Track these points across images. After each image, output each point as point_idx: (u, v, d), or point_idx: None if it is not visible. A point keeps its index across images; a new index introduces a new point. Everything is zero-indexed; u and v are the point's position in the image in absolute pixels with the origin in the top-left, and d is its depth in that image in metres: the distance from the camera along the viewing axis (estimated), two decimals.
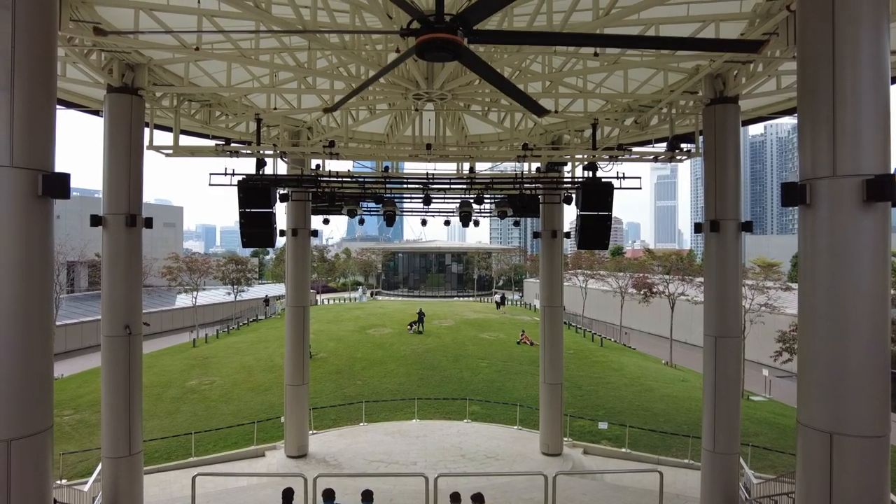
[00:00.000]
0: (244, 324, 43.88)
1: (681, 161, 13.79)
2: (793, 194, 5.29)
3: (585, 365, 29.90)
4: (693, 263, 47.16)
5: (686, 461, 16.86)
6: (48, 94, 5.01)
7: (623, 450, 17.84)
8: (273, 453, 17.45)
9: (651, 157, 13.92)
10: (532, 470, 15.56)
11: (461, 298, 71.87)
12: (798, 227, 5.52)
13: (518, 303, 64.00)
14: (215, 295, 54.88)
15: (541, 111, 5.74)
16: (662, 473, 8.96)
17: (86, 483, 11.50)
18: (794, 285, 40.50)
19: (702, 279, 37.40)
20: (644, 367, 31.25)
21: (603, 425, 19.21)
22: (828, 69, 5.11)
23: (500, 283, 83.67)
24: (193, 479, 8.43)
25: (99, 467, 10.77)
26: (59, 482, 13.53)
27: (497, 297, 59.88)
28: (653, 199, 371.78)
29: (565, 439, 17.70)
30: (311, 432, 18.04)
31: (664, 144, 13.54)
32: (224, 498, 13.30)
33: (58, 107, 12.44)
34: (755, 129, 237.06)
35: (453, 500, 8.68)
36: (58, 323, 33.17)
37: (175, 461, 17.07)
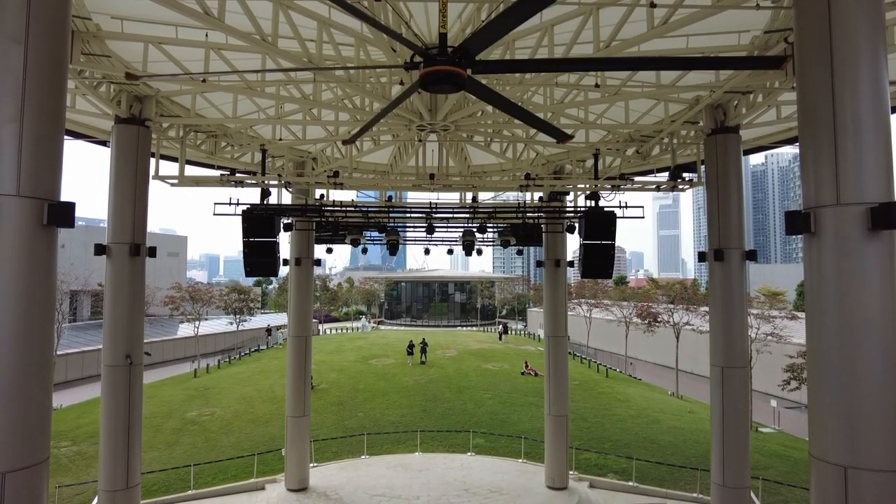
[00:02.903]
0: (246, 353, 43.61)
1: (683, 190, 13.84)
2: (797, 223, 5.28)
3: (591, 396, 29.50)
4: (697, 292, 46.92)
5: (695, 495, 16.45)
6: (57, 126, 5.07)
7: (630, 483, 17.42)
8: (273, 486, 17.10)
9: (653, 186, 13.99)
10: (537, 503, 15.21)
11: (464, 328, 71.42)
12: (803, 256, 5.49)
13: (522, 332, 63.53)
14: (217, 324, 54.69)
15: (562, 136, 5.72)
16: None
17: None
18: (800, 314, 40.20)
19: (706, 308, 37.19)
20: (650, 398, 30.80)
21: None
22: (827, 99, 5.15)
23: (504, 312, 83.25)
24: None
25: (95, 501, 10.55)
26: None
27: (500, 328, 59.46)
28: (656, 229, 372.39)
29: (571, 472, 17.32)
30: (312, 465, 17.71)
31: (666, 174, 13.62)
32: None
33: (67, 137, 12.70)
34: (756, 159, 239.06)
35: None
36: (59, 352, 33.01)
37: (174, 494, 16.72)
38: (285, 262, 15.86)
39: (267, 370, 34.38)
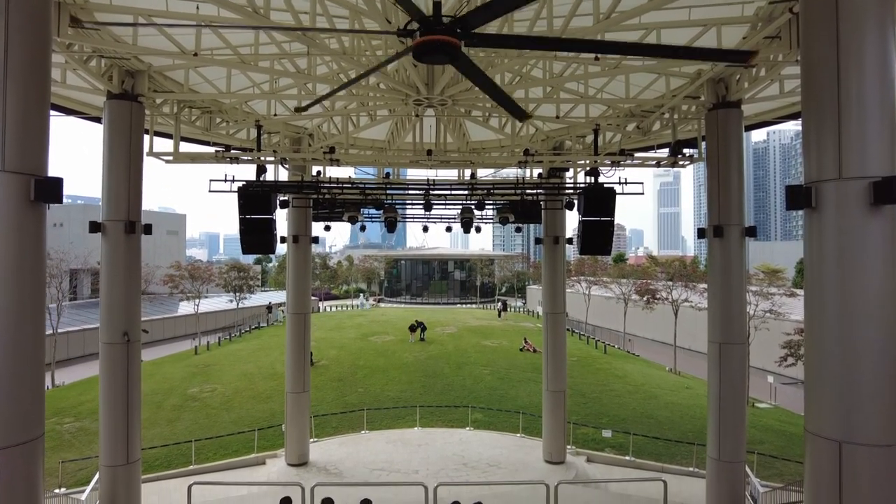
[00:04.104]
0: (246, 331, 43.79)
1: (683, 166, 13.70)
2: (798, 197, 5.19)
3: (589, 372, 29.70)
4: (697, 270, 46.97)
5: (691, 469, 16.64)
6: (42, 99, 4.96)
7: (627, 457, 17.63)
8: (274, 461, 17.31)
9: (653, 162, 13.85)
10: (535, 478, 15.38)
11: (464, 305, 71.65)
12: (803, 231, 5.42)
13: (521, 310, 63.76)
14: (218, 302, 54.85)
15: (522, 115, 5.76)
16: (667, 482, 8.80)
17: (84, 491, 11.39)
18: (799, 291, 40.28)
19: (705, 285, 37.35)
20: (648, 374, 31.02)
21: (607, 433, 19.02)
22: (832, 70, 5.02)
23: (503, 289, 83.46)
24: (189, 487, 8.31)
25: (97, 476, 10.67)
26: (56, 490, 13.44)
27: (499, 305, 59.61)
28: (656, 206, 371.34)
29: (569, 447, 17.52)
30: (312, 440, 17.90)
31: (667, 150, 13.47)
32: None
33: (58, 113, 12.53)
34: (758, 136, 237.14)
35: None
36: (60, 330, 33.12)
37: (175, 469, 16.92)
38: (283, 240, 15.79)
39: (267, 347, 34.55)
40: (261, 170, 13.11)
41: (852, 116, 4.92)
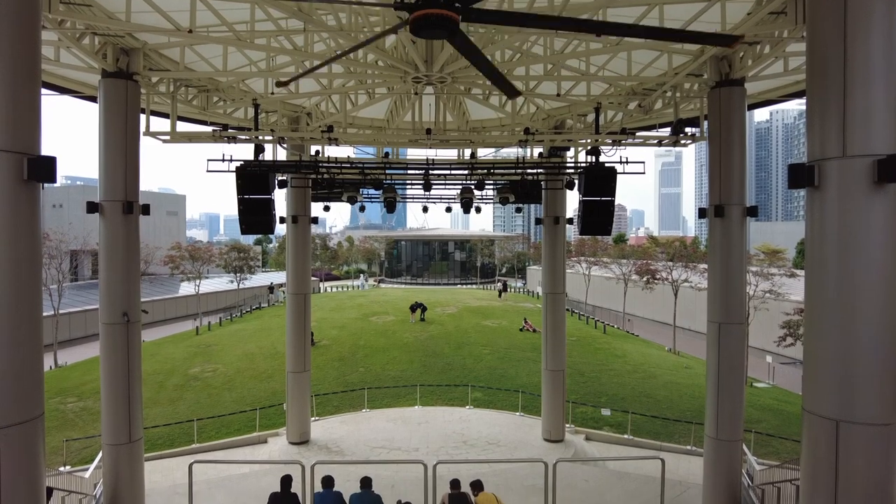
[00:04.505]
0: (247, 311, 43.97)
1: (685, 145, 13.57)
2: (800, 176, 5.12)
3: (588, 352, 29.86)
4: (697, 250, 46.98)
5: (688, 447, 16.82)
6: (31, 75, 4.86)
7: (626, 436, 17.81)
8: (275, 440, 17.50)
9: (655, 141, 13.72)
10: (534, 456, 15.56)
11: (464, 286, 71.85)
12: (805, 210, 5.36)
13: (521, 290, 63.94)
14: (218, 283, 55.04)
15: (514, 92, 5.71)
16: (664, 461, 8.87)
17: (87, 469, 11.51)
18: (800, 272, 40.33)
19: (706, 266, 37.36)
20: (647, 353, 31.19)
21: (606, 412, 19.19)
22: (838, 46, 4.91)
23: (504, 270, 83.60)
24: (190, 466, 8.38)
25: (100, 454, 10.77)
26: (61, 468, 13.58)
27: (499, 286, 59.71)
28: (657, 187, 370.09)
29: (567, 426, 17.67)
30: (313, 419, 18.06)
31: (668, 129, 13.34)
32: (225, 485, 13.33)
33: (52, 92, 12.37)
34: (760, 116, 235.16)
35: (453, 487, 8.64)
36: (61, 311, 33.26)
37: (178, 448, 17.11)
38: (282, 220, 15.74)
39: (268, 328, 34.72)
40: (259, 149, 12.99)
41: (857, 93, 4.82)
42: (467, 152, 16.57)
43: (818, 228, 5.13)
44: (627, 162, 12.50)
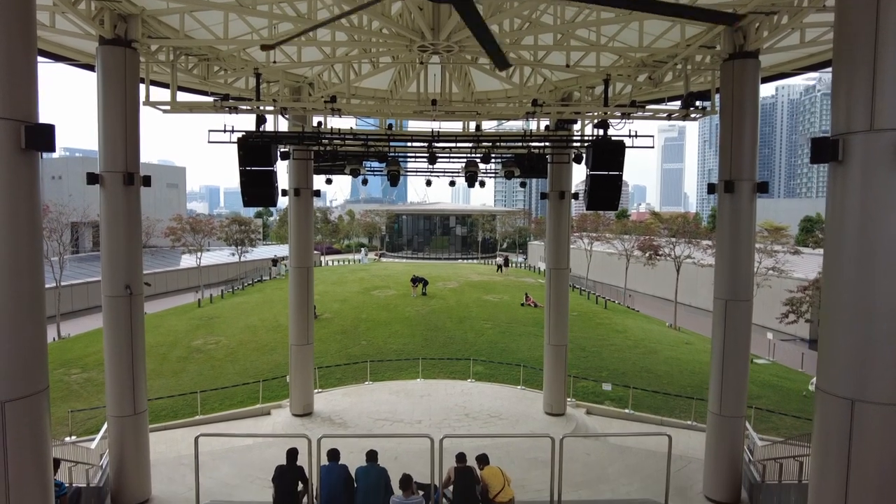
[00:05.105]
0: (249, 284, 44.03)
1: (695, 119, 13.30)
2: (823, 150, 4.95)
3: (589, 327, 29.96)
4: (699, 226, 46.79)
5: (689, 422, 16.95)
6: (27, 41, 4.67)
7: (626, 411, 17.95)
8: (279, 412, 17.64)
9: (665, 114, 13.43)
10: (536, 429, 15.69)
11: (465, 261, 71.87)
12: (827, 185, 5.21)
13: (522, 265, 63.97)
14: (220, 256, 55.03)
15: (504, 64, 5.53)
16: (671, 437, 8.89)
17: (94, 440, 11.60)
18: (804, 249, 40.26)
19: (707, 242, 37.25)
20: (648, 329, 31.29)
21: (607, 386, 19.31)
22: (870, 12, 4.67)
23: (505, 245, 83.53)
24: (196, 439, 8.40)
25: (105, 425, 10.83)
26: (67, 439, 13.71)
27: (499, 260, 59.62)
28: (659, 162, 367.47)
29: (568, 399, 17.79)
30: (316, 391, 18.18)
31: (676, 103, 13.07)
32: (230, 456, 13.45)
33: (47, 60, 12.08)
34: (765, 91, 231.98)
35: (459, 460, 8.68)
36: (63, 283, 33.28)
37: (181, 419, 17.27)
38: (284, 193, 15.56)
39: (270, 300, 34.79)
40: (260, 120, 12.75)
41: (888, 63, 4.60)
42: (472, 126, 16.30)
43: (839, 205, 4.98)
44: (636, 136, 12.27)
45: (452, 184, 18.60)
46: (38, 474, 4.78)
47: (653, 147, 12.66)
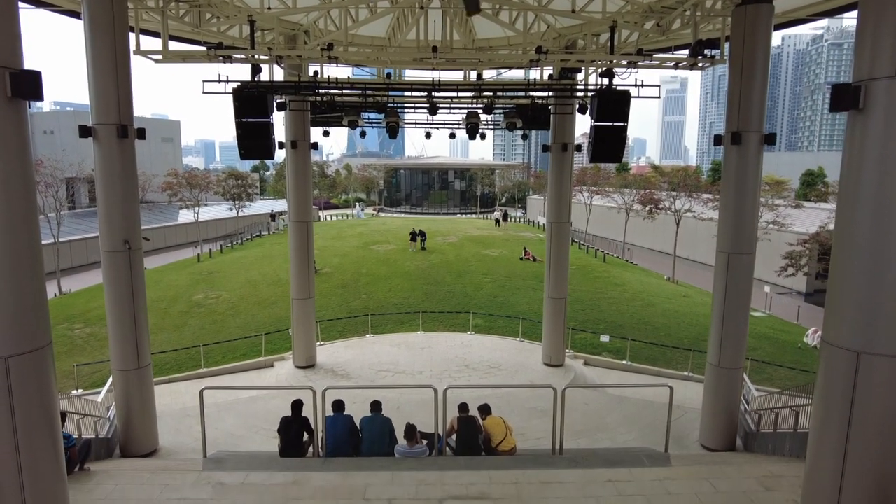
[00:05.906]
0: (248, 239, 43.95)
1: (703, 68, 12.92)
2: (844, 97, 4.74)
3: (588, 280, 30.12)
4: (700, 180, 46.40)
5: (686, 374, 17.23)
6: None
7: (624, 362, 18.22)
8: (282, 364, 17.88)
9: (672, 63, 13.02)
10: (534, 379, 15.96)
11: (464, 215, 71.63)
12: (845, 135, 5.03)
13: (521, 220, 63.80)
14: (217, 210, 54.73)
15: (475, 7, 5.27)
16: (673, 388, 9.01)
17: (100, 393, 11.76)
18: (805, 203, 40.07)
19: (707, 195, 36.97)
20: (646, 282, 31.48)
21: (605, 338, 19.55)
22: None
23: (504, 200, 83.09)
24: (201, 392, 8.48)
25: (111, 379, 10.94)
26: (73, 392, 13.91)
27: (497, 214, 59.32)
28: (660, 115, 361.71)
29: (567, 351, 18.02)
30: (318, 344, 18.37)
31: (683, 52, 12.66)
32: (235, 408, 13.70)
33: (28, 6, 11.54)
34: (772, 41, 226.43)
35: (461, 411, 8.81)
36: (62, 239, 33.13)
37: (185, 372, 17.51)
38: (281, 146, 15.27)
39: (270, 255, 34.80)
40: (256, 70, 12.34)
41: None
42: (473, 76, 15.83)
43: (857, 155, 4.82)
44: (643, 85, 11.92)
45: (453, 136, 18.30)
46: (47, 427, 4.80)
47: (659, 97, 12.34)
